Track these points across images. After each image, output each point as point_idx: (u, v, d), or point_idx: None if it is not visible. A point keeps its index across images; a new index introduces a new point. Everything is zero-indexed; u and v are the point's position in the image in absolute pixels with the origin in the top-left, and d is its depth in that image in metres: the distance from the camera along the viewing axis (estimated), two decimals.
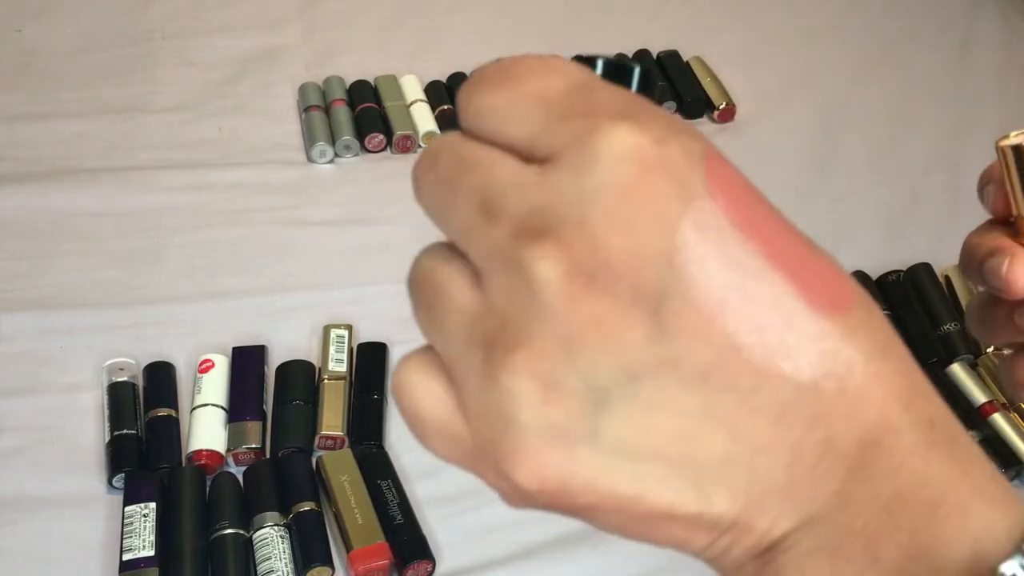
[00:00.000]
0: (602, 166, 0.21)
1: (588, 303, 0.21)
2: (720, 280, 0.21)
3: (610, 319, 0.21)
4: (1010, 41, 1.34)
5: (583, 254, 0.20)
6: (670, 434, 0.22)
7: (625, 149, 0.21)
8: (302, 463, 0.78)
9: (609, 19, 1.31)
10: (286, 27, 1.24)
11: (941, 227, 1.06)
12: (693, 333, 0.21)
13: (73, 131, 1.06)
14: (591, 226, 0.20)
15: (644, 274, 0.21)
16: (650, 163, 0.21)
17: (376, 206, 1.03)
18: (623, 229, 0.20)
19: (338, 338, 0.86)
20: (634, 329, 0.21)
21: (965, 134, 1.19)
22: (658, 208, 0.21)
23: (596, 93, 0.22)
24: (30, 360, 0.84)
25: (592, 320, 0.21)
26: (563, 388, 0.21)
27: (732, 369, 0.21)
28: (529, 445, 0.21)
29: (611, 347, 0.21)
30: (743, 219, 0.21)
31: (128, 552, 0.70)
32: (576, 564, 0.75)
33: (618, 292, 0.21)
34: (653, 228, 0.21)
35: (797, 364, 0.21)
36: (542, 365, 0.21)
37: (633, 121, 0.21)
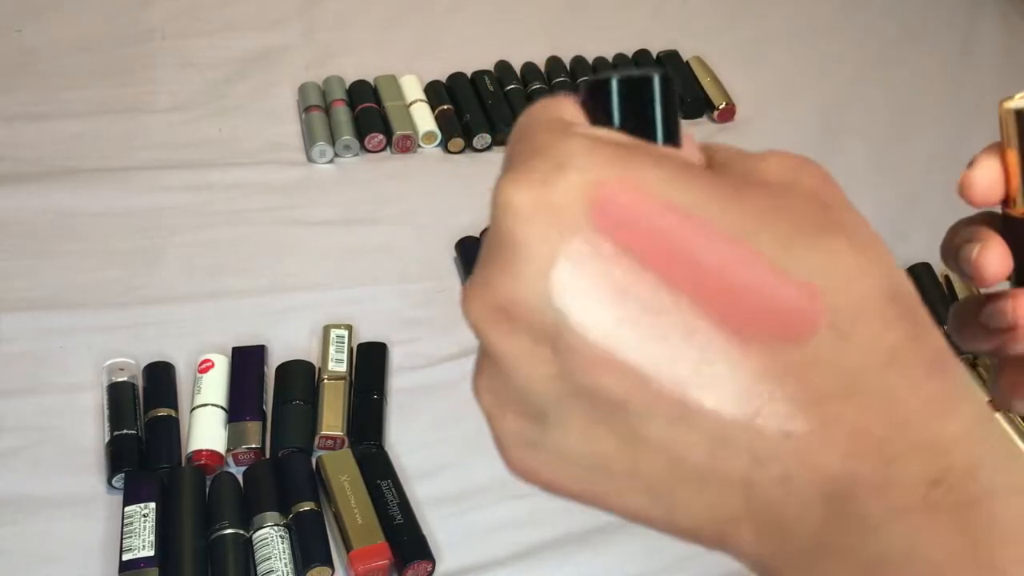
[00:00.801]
0: (494, 220, 0.22)
1: (500, 341, 0.22)
2: (610, 313, 0.21)
3: (521, 356, 0.22)
4: (1010, 41, 1.34)
5: (486, 300, 0.22)
6: (613, 450, 0.22)
7: (503, 200, 0.22)
8: (302, 463, 0.78)
9: (609, 19, 1.31)
10: (286, 27, 1.24)
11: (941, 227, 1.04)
12: (594, 366, 0.21)
13: (73, 131, 1.06)
14: (488, 273, 0.22)
15: (534, 315, 0.22)
16: (522, 209, 0.21)
17: (376, 206, 1.03)
18: (510, 275, 0.22)
19: (338, 338, 0.86)
20: (542, 365, 0.22)
21: (965, 134, 1.19)
22: (534, 251, 0.21)
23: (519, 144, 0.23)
24: (30, 360, 0.84)
25: (510, 356, 0.22)
26: (510, 406, 0.23)
27: (648, 398, 0.21)
28: (504, 448, 0.24)
29: (529, 380, 0.22)
30: (644, 249, 0.21)
31: (128, 552, 0.70)
32: (576, 564, 0.75)
33: (522, 332, 0.22)
34: (532, 270, 0.21)
35: (719, 398, 0.21)
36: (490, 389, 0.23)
37: (520, 171, 0.22)
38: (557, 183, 0.21)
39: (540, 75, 1.19)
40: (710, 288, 0.21)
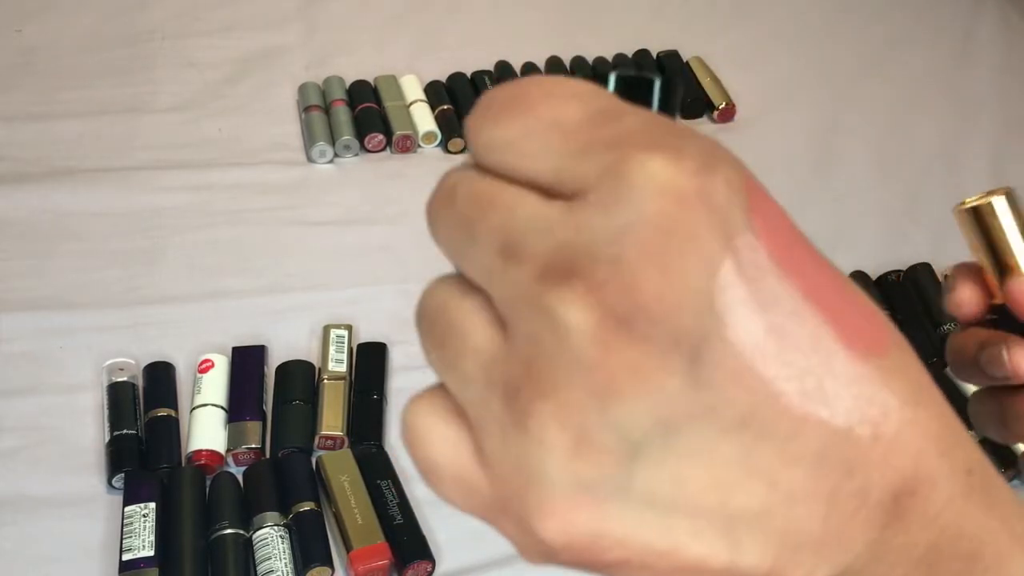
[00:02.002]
0: (637, 201, 0.18)
1: (623, 350, 0.19)
2: (762, 323, 0.20)
3: (646, 367, 0.19)
4: (1010, 41, 1.34)
5: (617, 297, 0.18)
6: (706, 485, 0.20)
7: (661, 182, 0.18)
8: (302, 463, 0.78)
9: (609, 19, 1.31)
10: (286, 27, 1.24)
11: (941, 227, 1.06)
12: (732, 379, 0.20)
13: (73, 131, 1.06)
14: (626, 266, 0.18)
15: (683, 318, 0.19)
16: (688, 197, 0.19)
17: (376, 206, 1.03)
18: (661, 269, 0.18)
19: (338, 338, 0.86)
20: (672, 377, 0.19)
21: (965, 134, 1.19)
22: (698, 246, 0.19)
23: (621, 119, 0.20)
24: (30, 360, 0.84)
25: (627, 368, 0.19)
26: (595, 441, 0.19)
27: (771, 416, 0.20)
28: (557, 501, 0.20)
29: (647, 397, 0.19)
30: (783, 256, 0.20)
31: (128, 552, 0.70)
32: None
33: (655, 337, 0.19)
34: (693, 268, 0.19)
35: (834, 410, 0.20)
36: (573, 417, 0.19)
37: (668, 150, 0.19)
38: (718, 173, 0.19)
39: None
40: (827, 298, 0.21)
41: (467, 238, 0.21)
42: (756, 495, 0.21)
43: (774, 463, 0.20)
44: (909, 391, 0.21)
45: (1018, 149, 1.17)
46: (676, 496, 0.20)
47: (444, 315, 0.23)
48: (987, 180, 1.13)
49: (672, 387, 0.19)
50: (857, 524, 0.21)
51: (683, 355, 0.19)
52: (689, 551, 0.21)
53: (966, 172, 1.14)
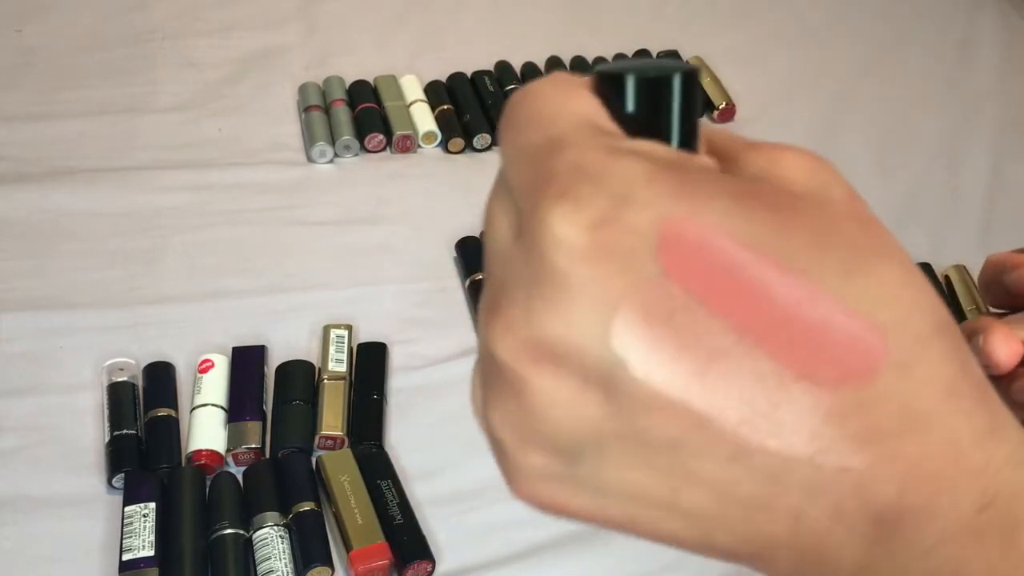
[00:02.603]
0: (540, 250, 0.20)
1: (537, 380, 0.21)
2: (674, 359, 0.20)
3: (562, 398, 0.21)
4: (1010, 41, 1.34)
5: (527, 335, 0.20)
6: (652, 486, 0.21)
7: (559, 234, 0.20)
8: (302, 463, 0.78)
9: (609, 19, 1.31)
10: (286, 27, 1.24)
11: (941, 227, 1.06)
12: (652, 410, 0.20)
13: (73, 131, 1.06)
14: (532, 310, 0.20)
15: (588, 357, 0.20)
16: (583, 252, 0.20)
17: (376, 206, 1.03)
18: (562, 315, 0.20)
19: (338, 338, 0.86)
20: (589, 406, 0.21)
21: (965, 134, 1.19)
22: (593, 294, 0.20)
23: (553, 158, 0.21)
24: (30, 360, 0.84)
25: (545, 398, 0.21)
26: (534, 443, 0.22)
27: (705, 440, 0.20)
28: (519, 481, 0.23)
29: (568, 422, 0.21)
30: (709, 290, 0.20)
31: (128, 552, 0.70)
32: (576, 564, 0.75)
33: (566, 371, 0.20)
34: (589, 314, 0.20)
35: (784, 440, 0.20)
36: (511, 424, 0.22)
37: (570, 202, 0.20)
38: (620, 221, 0.20)
39: (540, 75, 1.19)
40: (779, 329, 0.20)
41: None
42: (705, 501, 0.21)
43: (719, 479, 0.21)
44: (899, 421, 0.20)
45: (1018, 149, 1.17)
46: (626, 490, 0.22)
47: None
48: (987, 180, 1.13)
49: (591, 414, 0.21)
50: (836, 541, 0.21)
51: (597, 388, 0.20)
52: (653, 529, 0.22)
53: (966, 172, 1.14)
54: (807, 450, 0.20)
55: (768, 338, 0.20)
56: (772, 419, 0.20)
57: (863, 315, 0.20)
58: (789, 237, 0.20)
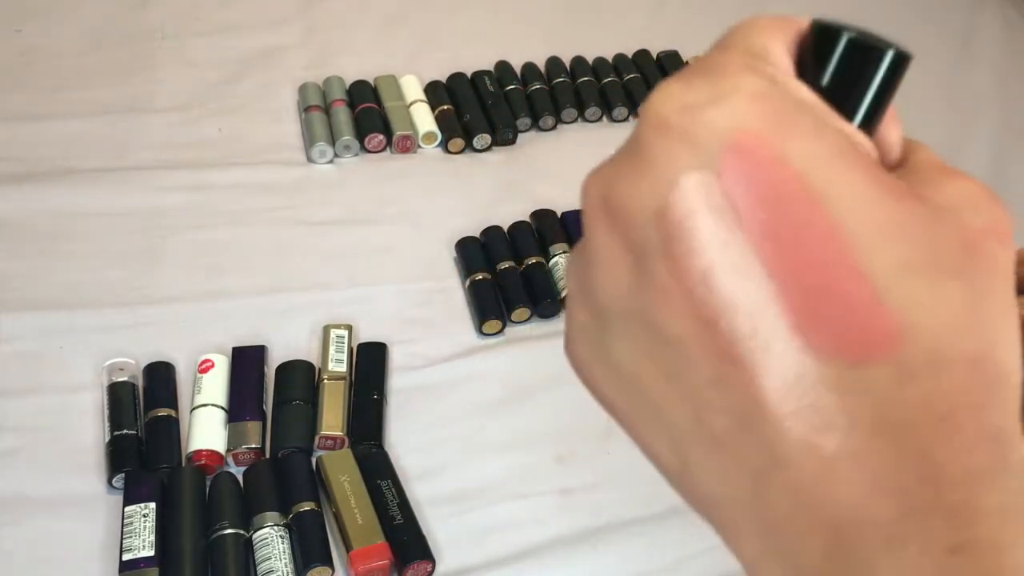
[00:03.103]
0: (641, 116, 0.22)
1: (599, 234, 0.23)
2: (702, 256, 0.21)
3: (610, 254, 0.22)
4: (1010, 41, 1.34)
5: (602, 191, 0.22)
6: (650, 382, 0.22)
7: (652, 106, 0.22)
8: (302, 463, 0.78)
9: (609, 19, 1.31)
10: (286, 27, 1.24)
11: None
12: (666, 295, 0.21)
13: (73, 131, 1.06)
14: (612, 168, 0.22)
15: (634, 224, 0.22)
16: (665, 125, 0.21)
17: (376, 206, 1.03)
18: (628, 180, 0.22)
19: (338, 338, 0.86)
20: (624, 272, 0.22)
21: (965, 134, 1.19)
22: (660, 168, 0.21)
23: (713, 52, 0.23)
24: (30, 360, 0.84)
25: (598, 251, 0.23)
26: (583, 299, 0.24)
27: (701, 348, 0.21)
28: (568, 332, 0.25)
29: (607, 279, 0.23)
30: (755, 215, 0.20)
31: (128, 552, 0.70)
32: (576, 564, 0.75)
33: (617, 233, 0.22)
34: (651, 185, 0.21)
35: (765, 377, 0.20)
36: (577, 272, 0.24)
37: (682, 84, 0.22)
38: (706, 112, 0.21)
39: (540, 75, 1.19)
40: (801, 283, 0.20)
41: None
42: (683, 417, 0.22)
43: (700, 396, 0.21)
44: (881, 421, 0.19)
45: (1018, 149, 1.17)
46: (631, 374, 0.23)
47: None
48: (987, 180, 1.12)
49: (624, 280, 0.22)
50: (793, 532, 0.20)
51: (632, 257, 0.22)
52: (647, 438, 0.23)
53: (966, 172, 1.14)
54: (783, 406, 0.20)
55: (792, 284, 0.20)
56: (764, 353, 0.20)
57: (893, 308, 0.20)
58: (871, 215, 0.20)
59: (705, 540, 0.74)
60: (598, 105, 1.17)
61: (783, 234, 0.20)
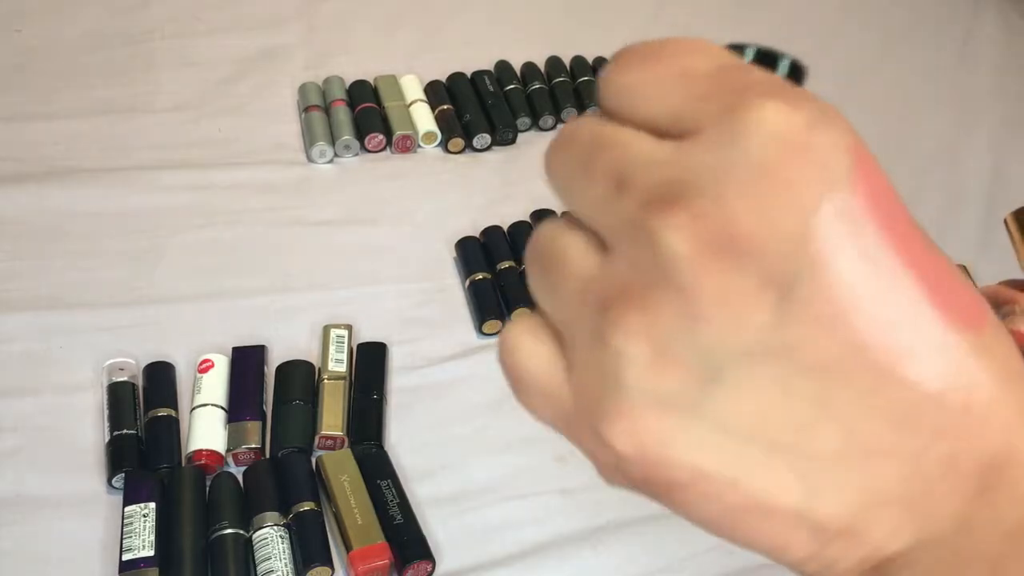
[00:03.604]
0: (746, 141, 0.20)
1: (715, 278, 0.20)
2: (854, 273, 0.20)
3: (736, 297, 0.20)
4: (1010, 41, 1.34)
5: (715, 229, 0.20)
6: (781, 419, 0.21)
7: (772, 127, 0.20)
8: (302, 463, 0.78)
9: (609, 19, 1.31)
10: (286, 27, 1.24)
11: (941, 227, 1.05)
12: (819, 323, 0.20)
13: (73, 131, 1.06)
14: (727, 201, 0.20)
15: (776, 257, 0.20)
16: (796, 145, 0.20)
17: (376, 206, 1.03)
18: (760, 208, 0.20)
19: (338, 338, 0.86)
20: (759, 311, 0.20)
21: (965, 133, 1.19)
22: (799, 192, 0.20)
23: (745, 72, 0.22)
24: (30, 360, 0.84)
25: (717, 295, 0.20)
26: (676, 357, 0.20)
27: (854, 366, 0.21)
28: (631, 407, 0.21)
29: (733, 326, 0.20)
30: (884, 220, 0.21)
31: (128, 552, 0.70)
32: (576, 564, 0.75)
33: (748, 271, 0.20)
34: (791, 211, 0.20)
35: (922, 372, 0.21)
36: (657, 330, 0.20)
37: (786, 100, 0.20)
38: (829, 127, 0.20)
39: (540, 75, 1.19)
40: (925, 268, 0.21)
41: (582, 174, 0.23)
42: (832, 440, 0.21)
43: (853, 412, 0.21)
44: (1003, 370, 0.22)
45: (1018, 149, 1.17)
46: (749, 425, 0.21)
47: (551, 245, 0.23)
48: (987, 180, 1.13)
49: (759, 320, 0.20)
50: (942, 492, 0.21)
51: (773, 292, 0.20)
52: (756, 483, 0.21)
53: (966, 172, 1.14)
54: (939, 385, 0.21)
55: (921, 273, 0.21)
56: (915, 349, 0.21)
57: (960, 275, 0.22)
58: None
59: (705, 540, 0.74)
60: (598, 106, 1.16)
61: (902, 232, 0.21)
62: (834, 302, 0.20)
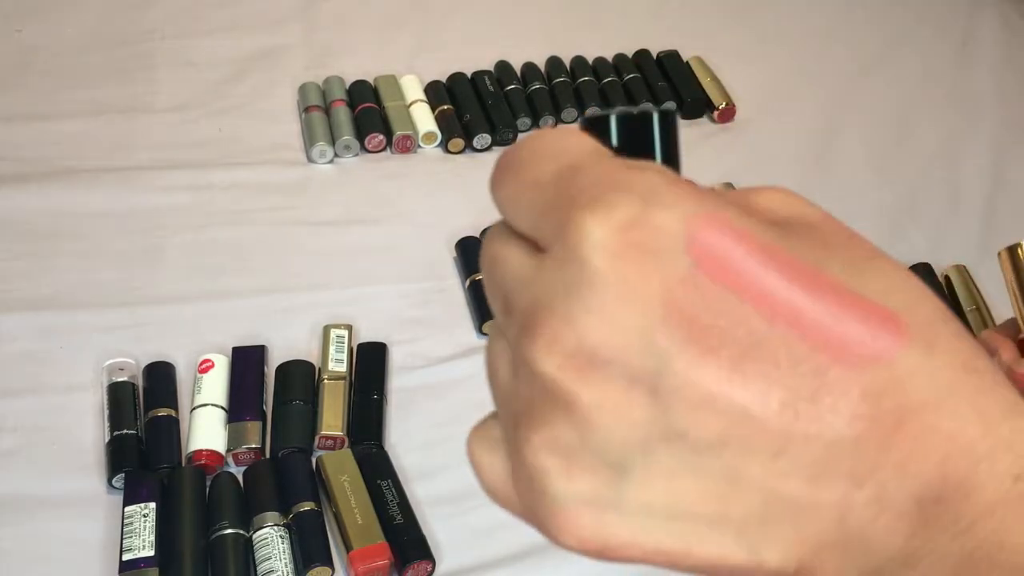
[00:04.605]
0: (578, 257, 0.21)
1: (586, 390, 0.21)
2: (711, 352, 0.20)
3: (609, 402, 0.21)
4: (1010, 41, 1.34)
5: (572, 346, 0.21)
6: (700, 496, 0.21)
7: (596, 237, 0.21)
8: (302, 463, 0.78)
9: (609, 19, 1.31)
10: (286, 27, 1.24)
11: (941, 227, 1.06)
12: (695, 405, 0.21)
13: (73, 131, 1.06)
14: (574, 317, 0.21)
15: (632, 357, 0.21)
16: (621, 246, 0.20)
17: (376, 206, 1.03)
18: (603, 317, 0.21)
19: (338, 338, 0.86)
20: (635, 409, 0.21)
21: (965, 134, 1.19)
22: (634, 290, 0.20)
23: (577, 176, 0.22)
24: (30, 360, 0.84)
25: (593, 405, 0.21)
26: (582, 462, 0.22)
27: (748, 434, 0.21)
28: (561, 513, 0.22)
29: (616, 428, 0.21)
30: (739, 281, 0.21)
31: (128, 552, 0.70)
32: (576, 564, 0.75)
33: (613, 376, 0.21)
34: (631, 311, 0.20)
35: (824, 423, 0.20)
36: (558, 444, 0.22)
37: (601, 208, 0.21)
38: (651, 220, 0.21)
39: (540, 75, 1.19)
40: (807, 315, 0.21)
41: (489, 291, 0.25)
42: (753, 505, 0.21)
43: (765, 477, 0.21)
44: (932, 393, 0.21)
45: (1018, 149, 1.17)
46: (672, 505, 0.22)
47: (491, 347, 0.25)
48: (987, 180, 1.13)
49: (638, 417, 0.21)
50: (882, 530, 0.21)
51: (643, 388, 0.21)
52: (705, 551, 0.22)
53: (966, 172, 1.14)
54: (849, 432, 0.20)
55: (799, 324, 0.21)
56: (812, 404, 0.20)
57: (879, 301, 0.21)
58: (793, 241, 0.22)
59: None
60: (598, 105, 1.17)
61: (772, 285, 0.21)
62: (701, 384, 0.20)
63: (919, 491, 0.21)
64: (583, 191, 0.21)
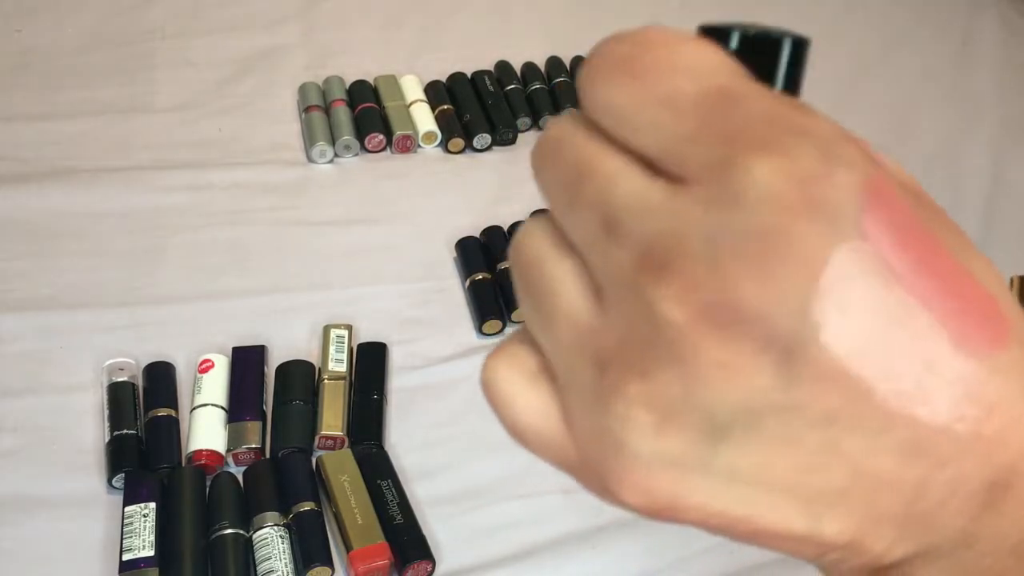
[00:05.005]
0: (740, 205, 0.19)
1: (713, 345, 0.19)
2: (859, 328, 0.19)
3: (736, 364, 0.19)
4: (1010, 41, 1.34)
5: (712, 299, 0.19)
6: (788, 467, 0.21)
7: (768, 188, 0.19)
8: (302, 463, 0.78)
9: (609, 19, 1.31)
10: (286, 27, 1.24)
11: None
12: (823, 380, 0.20)
13: (73, 131, 1.06)
14: (723, 270, 0.19)
15: (777, 324, 0.19)
16: (794, 207, 0.19)
17: (376, 206, 1.03)
18: (758, 275, 0.19)
19: (338, 338, 0.86)
20: (760, 375, 0.19)
21: (965, 134, 1.19)
22: (799, 255, 0.19)
23: (736, 107, 0.20)
24: (30, 360, 0.84)
25: (716, 364, 0.19)
26: (679, 420, 0.20)
27: (861, 412, 0.20)
28: (639, 470, 0.21)
29: (734, 391, 0.20)
30: (900, 257, 0.20)
31: (128, 552, 0.70)
32: (576, 564, 0.75)
33: (747, 337, 0.19)
34: (791, 276, 0.19)
35: (932, 408, 0.20)
36: (659, 398, 0.20)
37: (778, 153, 0.19)
38: (832, 175, 0.19)
39: (540, 75, 1.19)
40: (942, 298, 0.20)
41: (568, 201, 0.22)
42: (838, 478, 0.21)
43: (861, 453, 0.20)
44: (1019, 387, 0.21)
45: (1018, 149, 1.17)
46: (757, 474, 0.21)
47: (540, 271, 0.23)
48: (987, 180, 1.13)
49: (760, 383, 0.20)
50: (946, 512, 0.21)
51: (774, 355, 0.19)
52: (766, 521, 0.21)
53: (966, 172, 1.14)
54: (948, 418, 0.20)
55: (939, 304, 0.20)
56: (924, 387, 0.20)
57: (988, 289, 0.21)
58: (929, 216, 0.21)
59: (705, 540, 0.74)
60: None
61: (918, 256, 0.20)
62: (837, 358, 0.19)
63: (993, 477, 0.21)
64: (750, 128, 0.19)
